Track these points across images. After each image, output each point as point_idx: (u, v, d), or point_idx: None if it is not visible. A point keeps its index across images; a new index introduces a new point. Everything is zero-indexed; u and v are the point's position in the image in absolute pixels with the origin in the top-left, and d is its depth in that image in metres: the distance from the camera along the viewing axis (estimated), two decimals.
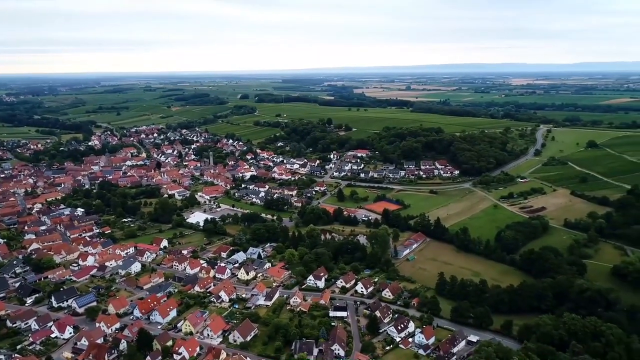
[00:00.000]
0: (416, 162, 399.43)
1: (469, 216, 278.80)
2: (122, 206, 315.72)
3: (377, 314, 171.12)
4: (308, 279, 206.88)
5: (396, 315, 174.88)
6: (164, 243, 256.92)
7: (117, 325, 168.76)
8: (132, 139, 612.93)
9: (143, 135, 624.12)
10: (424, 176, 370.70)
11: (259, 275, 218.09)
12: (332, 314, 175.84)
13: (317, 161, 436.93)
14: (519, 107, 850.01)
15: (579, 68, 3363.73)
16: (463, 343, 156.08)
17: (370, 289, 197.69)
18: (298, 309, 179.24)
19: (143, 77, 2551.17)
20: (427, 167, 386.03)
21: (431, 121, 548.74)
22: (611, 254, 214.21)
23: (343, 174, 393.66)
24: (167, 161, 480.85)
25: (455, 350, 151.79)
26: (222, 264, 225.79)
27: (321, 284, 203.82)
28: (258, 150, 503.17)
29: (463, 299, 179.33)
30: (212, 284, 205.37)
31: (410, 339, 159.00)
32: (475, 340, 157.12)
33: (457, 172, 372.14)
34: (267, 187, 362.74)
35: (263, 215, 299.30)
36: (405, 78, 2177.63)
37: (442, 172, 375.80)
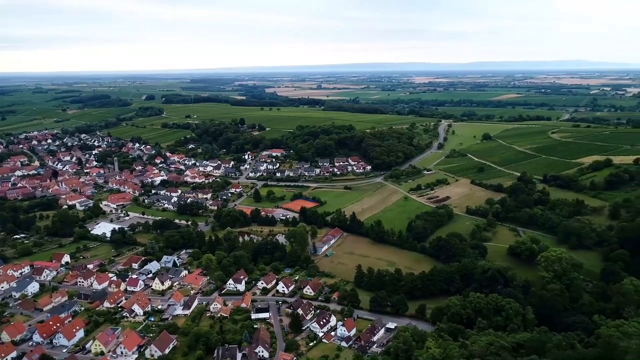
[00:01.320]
0: (330, 159, 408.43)
1: (382, 209, 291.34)
2: (12, 221, 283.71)
3: (300, 311, 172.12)
4: (228, 283, 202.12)
5: (318, 311, 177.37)
6: (66, 258, 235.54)
7: (14, 354, 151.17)
8: (21, 146, 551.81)
9: (35, 142, 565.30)
10: (338, 173, 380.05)
11: (175, 284, 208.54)
12: (254, 316, 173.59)
13: (232, 162, 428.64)
14: (423, 104, 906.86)
15: (473, 67, 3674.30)
16: (382, 331, 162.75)
17: (291, 288, 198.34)
18: (219, 315, 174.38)
19: (31, 78, 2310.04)
20: (341, 163, 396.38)
21: (343, 119, 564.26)
22: (507, 236, 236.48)
23: (259, 174, 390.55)
24: (64, 169, 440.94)
25: (375, 338, 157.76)
26: (134, 276, 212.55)
27: (241, 287, 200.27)
28: (168, 154, 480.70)
29: (380, 288, 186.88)
30: (123, 297, 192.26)
31: (332, 333, 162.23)
32: (393, 327, 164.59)
33: (369, 167, 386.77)
34: (179, 191, 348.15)
35: (177, 221, 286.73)
36: (316, 77, 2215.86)
37: (355, 168, 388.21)
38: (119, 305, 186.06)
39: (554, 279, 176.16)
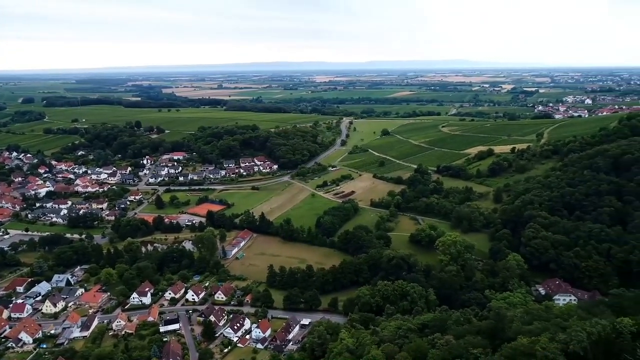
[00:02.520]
0: (236, 160, 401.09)
1: (291, 207, 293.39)
2: None
3: (212, 318, 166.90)
4: (132, 297, 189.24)
5: (231, 316, 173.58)
6: None
7: None
8: None
9: None
10: (244, 173, 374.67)
11: (70, 304, 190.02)
12: (163, 329, 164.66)
13: (129, 168, 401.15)
14: (325, 102, 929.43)
15: (369, 66, 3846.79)
16: (297, 328, 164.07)
17: (202, 295, 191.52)
18: (123, 333, 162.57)
19: None
20: (247, 164, 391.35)
21: (246, 119, 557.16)
22: (408, 225, 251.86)
23: (160, 179, 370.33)
24: None
25: (290, 336, 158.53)
26: (20, 300, 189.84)
27: (147, 299, 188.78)
28: (54, 162, 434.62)
29: (293, 286, 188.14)
30: (7, 326, 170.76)
31: (247, 336, 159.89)
32: (307, 323, 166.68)
33: (275, 166, 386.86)
34: (69, 202, 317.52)
35: (68, 235, 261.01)
36: (216, 77, 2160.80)
37: (261, 168, 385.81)
38: (2, 336, 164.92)
39: (451, 261, 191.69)
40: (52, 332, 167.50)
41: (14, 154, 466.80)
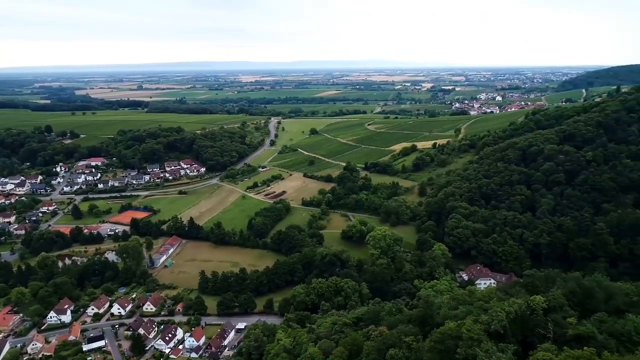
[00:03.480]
0: (160, 164, 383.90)
1: (221, 210, 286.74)
2: None
3: (141, 331, 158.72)
4: (49, 316, 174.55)
5: (162, 327, 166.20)
6: None
7: None
8: None
9: None
10: (170, 178, 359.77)
11: None
12: (86, 347, 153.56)
13: (40, 177, 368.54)
14: (252, 102, 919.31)
15: (296, 66, 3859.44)
16: (233, 333, 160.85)
17: (129, 308, 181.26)
18: (40, 356, 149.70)
19: None
20: (173, 168, 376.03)
21: (170, 121, 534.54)
22: (339, 221, 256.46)
23: (76, 187, 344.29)
24: None
25: (226, 342, 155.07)
26: None
27: (67, 317, 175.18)
28: None
29: (227, 291, 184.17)
30: None
31: (180, 346, 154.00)
32: (243, 327, 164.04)
33: (203, 169, 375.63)
34: None
35: None
36: (136, 77, 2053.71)
37: (188, 171, 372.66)
38: None
39: (382, 255, 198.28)
40: None
41: None
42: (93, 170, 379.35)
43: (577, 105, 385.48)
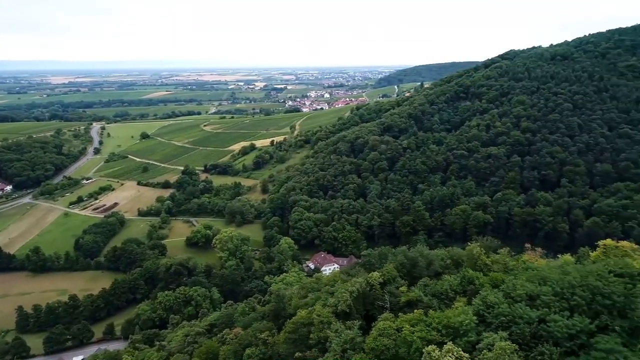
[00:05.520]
0: None
1: (39, 233, 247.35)
2: None
3: None
4: None
5: None
6: None
7: None
8: None
9: None
10: None
11: None
12: None
13: None
14: (66, 107, 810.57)
15: (118, 65, 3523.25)
16: None
17: None
18: None
19: None
20: None
21: None
22: (182, 228, 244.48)
23: None
24: None
25: None
26: None
27: None
28: None
29: (54, 324, 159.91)
30: None
31: None
32: None
33: (9, 187, 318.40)
34: None
35: None
36: None
37: None
38: None
39: (230, 257, 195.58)
40: None
41: None
42: None
43: (391, 100, 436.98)
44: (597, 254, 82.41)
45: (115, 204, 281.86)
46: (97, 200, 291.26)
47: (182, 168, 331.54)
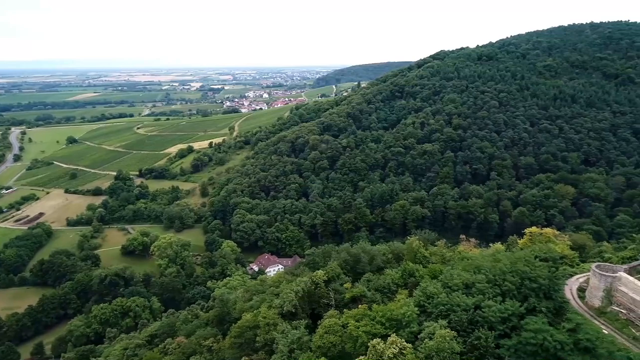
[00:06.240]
0: None
1: None
2: None
3: None
4: None
5: None
6: None
7: None
8: None
9: None
10: None
11: None
12: None
13: None
14: None
15: (39, 65, 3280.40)
16: None
17: None
18: None
19: None
20: None
21: None
22: (117, 237, 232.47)
23: None
24: None
25: None
26: None
27: None
28: None
29: None
30: None
31: None
32: None
33: None
34: None
35: None
36: None
37: None
38: None
39: (170, 263, 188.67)
40: None
41: None
42: None
43: (330, 99, 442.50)
44: (524, 241, 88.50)
45: (41, 214, 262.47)
46: (20, 211, 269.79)
47: (114, 173, 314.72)
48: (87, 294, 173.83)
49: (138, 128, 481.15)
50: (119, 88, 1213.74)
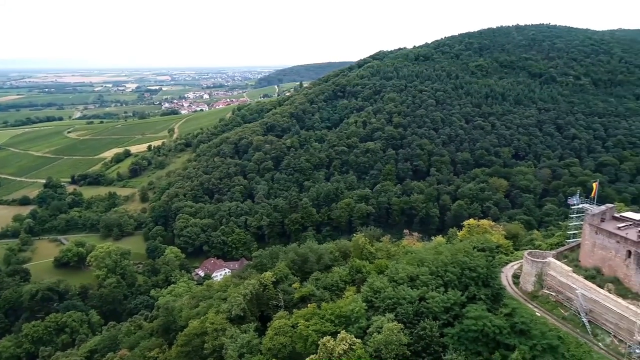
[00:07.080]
0: None
1: None
2: None
3: None
4: None
5: None
6: None
7: None
8: None
9: None
10: None
11: None
12: None
13: None
14: None
15: None
16: None
17: None
18: None
19: None
20: None
21: None
22: (49, 249, 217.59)
23: None
24: None
25: None
26: None
27: None
28: None
29: None
30: None
31: None
32: None
33: None
34: None
35: None
36: None
37: None
38: None
39: (109, 274, 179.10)
40: None
41: None
42: None
43: (273, 99, 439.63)
44: (463, 233, 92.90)
45: None
46: None
47: (43, 181, 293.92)
48: (16, 312, 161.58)
49: (69, 132, 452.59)
50: (46, 90, 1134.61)
